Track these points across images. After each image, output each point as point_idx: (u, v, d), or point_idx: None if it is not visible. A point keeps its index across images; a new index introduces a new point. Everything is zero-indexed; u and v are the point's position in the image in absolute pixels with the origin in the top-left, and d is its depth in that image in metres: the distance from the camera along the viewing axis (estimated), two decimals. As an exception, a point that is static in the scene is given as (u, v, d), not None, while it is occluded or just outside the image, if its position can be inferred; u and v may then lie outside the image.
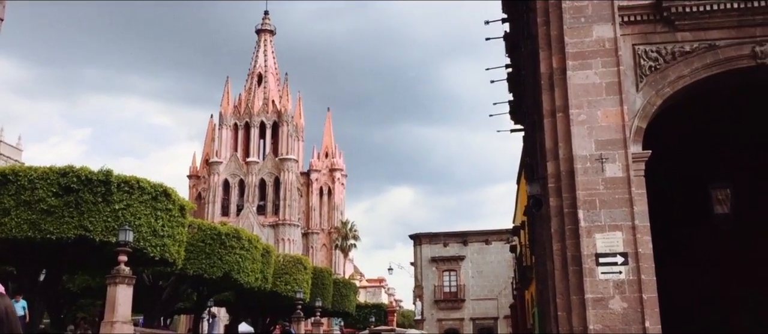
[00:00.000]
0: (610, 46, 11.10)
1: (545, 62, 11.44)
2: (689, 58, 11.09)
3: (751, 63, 10.96)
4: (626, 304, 10.16)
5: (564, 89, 11.09)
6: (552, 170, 11.07)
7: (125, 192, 18.66)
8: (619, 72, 10.96)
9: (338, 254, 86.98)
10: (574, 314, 10.41)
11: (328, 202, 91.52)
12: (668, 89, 11.08)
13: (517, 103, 23.39)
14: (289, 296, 33.18)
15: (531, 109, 16.43)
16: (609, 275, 10.26)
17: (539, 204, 12.56)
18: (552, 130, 11.17)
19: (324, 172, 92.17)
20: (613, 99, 10.92)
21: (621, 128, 10.79)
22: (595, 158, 10.71)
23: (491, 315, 55.42)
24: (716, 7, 10.95)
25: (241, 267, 26.67)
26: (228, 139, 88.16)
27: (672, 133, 12.23)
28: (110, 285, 16.85)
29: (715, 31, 11.08)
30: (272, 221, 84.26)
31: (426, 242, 57.25)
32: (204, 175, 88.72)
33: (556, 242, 10.83)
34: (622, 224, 10.45)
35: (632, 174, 10.62)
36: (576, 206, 10.59)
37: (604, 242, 10.37)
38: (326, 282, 40.58)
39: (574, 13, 11.32)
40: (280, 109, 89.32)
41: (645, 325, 10.03)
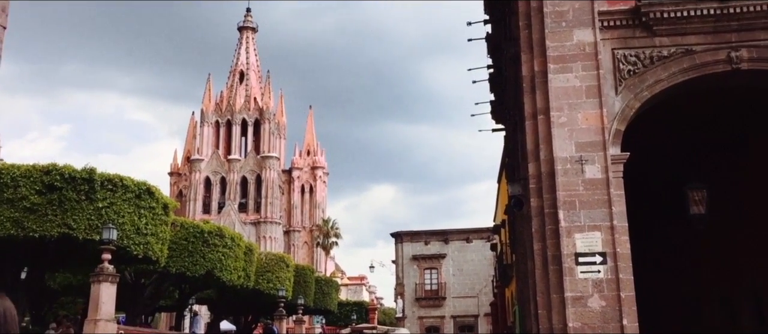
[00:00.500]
0: (590, 50, 11.34)
1: (527, 65, 11.66)
2: (667, 62, 11.36)
3: (727, 68, 11.25)
4: (605, 302, 10.41)
5: (545, 92, 11.32)
6: (533, 171, 11.30)
7: (109, 190, 18.67)
8: (599, 76, 11.21)
9: (320, 251, 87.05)
10: (554, 313, 10.65)
11: (310, 200, 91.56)
12: (646, 93, 11.34)
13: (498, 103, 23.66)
14: (271, 294, 33.25)
15: (512, 110, 16.69)
16: (588, 274, 10.51)
17: (520, 204, 12.81)
18: (533, 132, 11.40)
19: (306, 170, 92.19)
20: (593, 102, 11.16)
21: (600, 131, 11.03)
22: (575, 160, 10.95)
23: (472, 313, 55.82)
24: (693, 13, 11.23)
25: (224, 265, 26.74)
26: (209, 136, 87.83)
27: (650, 135, 12.51)
28: (94, 283, 16.86)
29: (692, 37, 11.35)
30: (254, 219, 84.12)
31: (407, 240, 57.54)
32: (185, 172, 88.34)
33: (537, 242, 11.07)
34: (601, 224, 10.70)
35: (611, 175, 10.88)
36: (556, 206, 10.83)
37: (583, 242, 10.62)
38: (308, 280, 40.70)
39: (556, 18, 11.55)
40: (262, 107, 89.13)
41: (623, 323, 10.29)
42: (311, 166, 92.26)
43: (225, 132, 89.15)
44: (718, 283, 17.62)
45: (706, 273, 18.15)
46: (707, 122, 14.18)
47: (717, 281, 17.66)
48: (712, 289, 18.08)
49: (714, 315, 18.38)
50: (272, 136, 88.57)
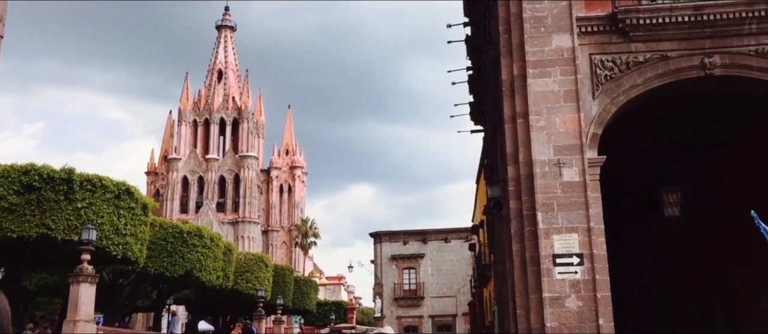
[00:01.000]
0: (568, 55, 11.57)
1: (507, 69, 11.87)
2: (642, 67, 11.63)
3: (700, 73, 11.55)
4: (581, 302, 10.64)
5: (524, 96, 11.54)
6: (512, 174, 11.50)
7: (88, 190, 18.59)
8: (577, 80, 11.45)
9: (298, 251, 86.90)
10: (532, 313, 10.87)
11: (289, 199, 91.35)
12: (622, 97, 11.60)
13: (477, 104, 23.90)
14: (250, 294, 33.22)
15: (491, 113, 16.90)
16: (565, 275, 10.73)
17: (500, 206, 13.01)
18: (513, 135, 11.60)
19: (284, 169, 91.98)
20: (571, 106, 11.40)
21: (578, 134, 11.27)
22: (554, 163, 11.17)
23: (450, 313, 56.11)
24: (668, 20, 11.51)
25: (203, 265, 26.68)
26: (187, 135, 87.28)
27: (626, 138, 12.77)
28: (73, 284, 16.79)
29: (667, 43, 11.63)
30: (232, 219, 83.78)
31: (386, 240, 57.68)
32: (162, 171, 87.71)
33: (516, 243, 11.27)
34: (578, 226, 10.94)
35: (588, 178, 11.12)
36: (535, 208, 11.04)
37: (561, 244, 10.85)
38: (287, 280, 40.70)
39: (535, 23, 11.77)
40: (240, 106, 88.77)
41: (599, 323, 10.53)
42: (290, 165, 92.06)
43: (203, 131, 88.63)
44: (692, 282, 18.01)
45: (680, 273, 18.54)
46: (682, 126, 14.50)
47: (690, 280, 18.04)
48: (686, 288, 18.47)
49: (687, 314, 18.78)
50: (251, 135, 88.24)
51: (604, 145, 11.54)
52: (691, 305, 18.55)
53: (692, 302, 18.42)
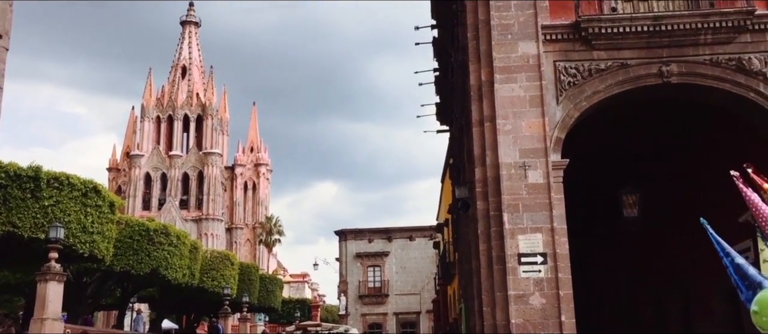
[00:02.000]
0: (533, 62, 12.03)
1: (475, 75, 12.27)
2: (604, 75, 12.14)
3: (658, 81, 12.11)
4: (545, 300, 11.10)
5: (492, 101, 11.95)
6: (480, 176, 11.91)
7: (55, 188, 18.47)
8: (542, 86, 11.91)
9: (262, 249, 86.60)
10: (498, 309, 11.29)
11: (253, 197, 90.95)
12: (585, 103, 12.09)
13: (443, 105, 24.34)
14: (215, 292, 33.15)
15: (459, 115, 17.32)
16: (530, 274, 11.18)
17: (467, 206, 13.42)
18: (480, 138, 12.01)
19: (249, 166, 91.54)
20: (536, 111, 11.85)
21: (542, 138, 11.73)
22: (519, 165, 11.61)
23: (414, 310, 56.65)
24: (628, 30, 12.03)
25: (169, 263, 26.60)
26: (150, 131, 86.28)
27: (588, 142, 13.25)
28: (40, 282, 16.70)
29: (627, 51, 12.16)
30: (195, 216, 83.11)
31: (351, 237, 57.97)
32: (124, 168, 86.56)
33: (483, 243, 11.68)
34: (542, 226, 11.39)
35: (552, 180, 11.58)
36: (501, 209, 11.47)
37: (525, 243, 11.29)
38: (253, 278, 40.68)
39: (502, 30, 12.19)
40: (204, 103, 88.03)
41: (561, 319, 11.00)
42: (254, 163, 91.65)
43: (166, 127, 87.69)
44: (649, 281, 18.69)
45: (638, 271, 19.21)
46: (641, 131, 15.10)
47: (648, 279, 18.72)
48: (643, 287, 19.15)
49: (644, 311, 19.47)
50: (215, 132, 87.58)
51: (567, 149, 12.01)
52: (647, 302, 19.24)
53: (649, 299, 19.10)
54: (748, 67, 11.93)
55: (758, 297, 2.96)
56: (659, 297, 18.37)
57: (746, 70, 11.93)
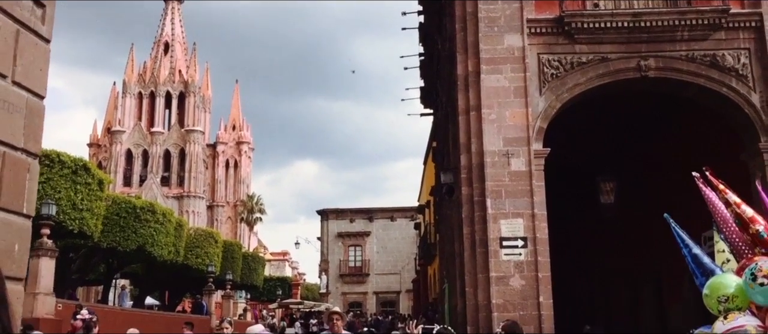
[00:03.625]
0: (518, 54, 12.53)
1: (462, 65, 12.75)
2: (585, 68, 12.68)
3: (636, 74, 12.68)
4: (524, 281, 11.70)
5: (477, 91, 12.45)
6: (465, 162, 12.43)
7: (46, 165, 18.73)
8: (526, 78, 12.43)
9: (243, 227, 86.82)
10: (479, 290, 11.88)
11: (235, 175, 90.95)
12: (566, 95, 12.64)
13: (427, 89, 24.79)
14: (199, 270, 33.50)
15: (445, 102, 17.79)
16: (511, 257, 11.77)
17: (452, 191, 13.95)
18: (466, 126, 12.52)
19: (231, 144, 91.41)
20: (520, 101, 12.37)
21: (525, 128, 12.27)
22: (503, 153, 12.15)
23: (394, 289, 57.41)
24: (609, 25, 12.57)
25: (155, 241, 26.95)
26: (132, 107, 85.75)
27: (569, 132, 13.81)
28: (33, 258, 16.98)
29: (608, 46, 12.70)
30: (177, 193, 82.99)
31: (333, 217, 58.47)
32: (105, 144, 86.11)
33: (467, 227, 12.23)
34: (523, 211, 11.96)
35: (534, 168, 12.14)
36: (485, 195, 12.01)
37: (507, 228, 11.86)
38: (236, 256, 41.05)
39: (489, 23, 12.67)
40: (187, 80, 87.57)
41: (539, 300, 11.61)
42: (237, 141, 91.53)
43: (148, 104, 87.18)
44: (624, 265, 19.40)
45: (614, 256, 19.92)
46: (619, 122, 15.69)
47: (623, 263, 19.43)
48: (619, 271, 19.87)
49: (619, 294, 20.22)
50: (197, 109, 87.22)
51: (549, 138, 12.56)
52: (622, 286, 19.98)
53: (624, 283, 19.84)
54: (722, 63, 12.53)
55: (709, 282, 3.49)
56: (634, 281, 19.11)
57: (720, 66, 12.53)
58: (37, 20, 4.01)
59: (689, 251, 3.76)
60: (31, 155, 3.96)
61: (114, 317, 21.46)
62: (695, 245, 3.83)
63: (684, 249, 3.81)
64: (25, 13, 3.89)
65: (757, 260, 3.29)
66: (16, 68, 3.77)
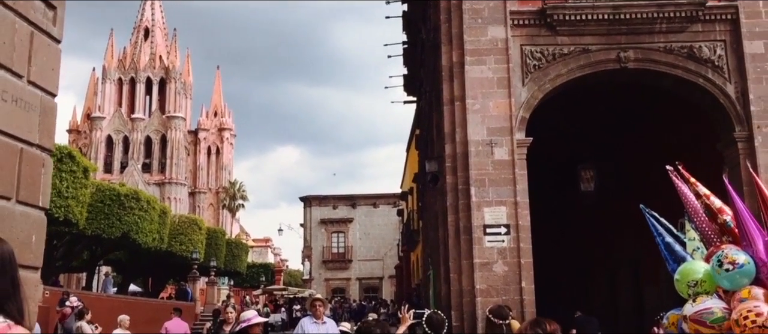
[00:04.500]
0: (502, 45, 12.81)
1: (446, 56, 13.00)
2: (566, 59, 12.98)
3: (616, 66, 13.01)
4: (507, 267, 12.04)
5: (462, 81, 12.72)
6: (449, 151, 12.72)
7: (31, 154, 18.79)
8: (509, 69, 12.71)
9: (225, 213, 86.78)
10: (463, 276, 12.20)
11: (217, 161, 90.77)
12: (548, 85, 12.94)
13: (411, 76, 25.03)
14: (183, 257, 33.67)
15: (428, 91, 18.05)
16: (494, 243, 12.09)
17: (436, 179, 14.24)
18: (451, 116, 12.79)
19: (212, 131, 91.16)
20: (503, 92, 12.66)
21: (508, 118, 12.56)
22: (486, 143, 12.45)
23: (377, 275, 57.87)
24: (590, 17, 12.88)
25: (140, 228, 27.06)
26: (112, 94, 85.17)
27: (551, 121, 14.15)
28: (19, 246, 17.14)
29: (589, 38, 13.01)
30: (158, 180, 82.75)
31: (316, 204, 58.69)
32: (85, 130, 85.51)
33: (451, 214, 12.53)
34: (506, 199, 12.28)
35: (516, 157, 12.45)
36: (469, 183, 12.32)
37: (491, 215, 12.18)
38: (219, 243, 41.22)
39: (473, 15, 12.92)
40: (167, 66, 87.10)
41: (522, 285, 11.96)
42: (218, 127, 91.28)
43: (128, 90, 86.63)
44: (603, 251, 19.87)
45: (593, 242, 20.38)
46: (599, 112, 16.06)
47: (602, 249, 19.90)
48: (598, 256, 20.34)
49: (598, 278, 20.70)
50: (178, 95, 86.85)
51: (531, 128, 12.87)
52: (601, 270, 20.47)
53: (603, 268, 20.33)
54: (699, 54, 12.89)
55: (680, 268, 3.80)
56: (612, 266, 19.58)
57: (697, 57, 12.89)
58: (49, 22, 4.20)
59: (662, 239, 4.07)
60: (45, 151, 4.17)
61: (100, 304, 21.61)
62: (668, 234, 4.14)
63: (658, 238, 4.11)
64: (38, 16, 4.08)
65: (724, 247, 3.59)
66: (31, 68, 3.97)
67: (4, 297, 2.31)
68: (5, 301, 2.31)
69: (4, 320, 2.28)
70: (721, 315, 3.40)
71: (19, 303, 2.38)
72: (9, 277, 2.36)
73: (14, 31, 3.83)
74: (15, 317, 2.31)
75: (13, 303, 2.34)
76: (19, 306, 2.38)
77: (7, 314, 2.30)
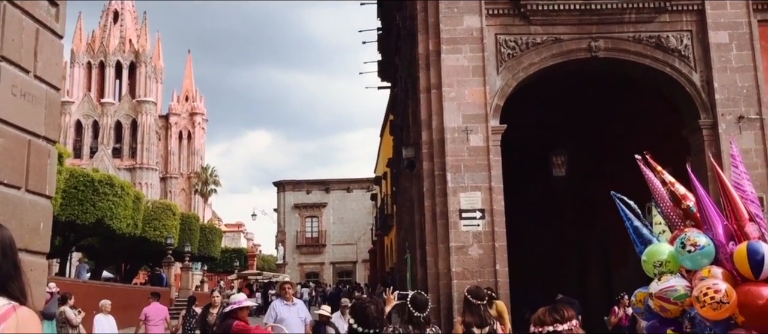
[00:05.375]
0: (477, 34, 13.10)
1: (423, 45, 13.26)
2: (539, 48, 13.33)
3: (587, 55, 13.39)
4: (482, 251, 12.41)
5: (438, 70, 13.00)
6: (426, 138, 13.01)
7: (5, 140, 18.70)
8: (484, 57, 13.02)
9: (198, 199, 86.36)
10: (440, 259, 12.55)
11: (188, 146, 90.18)
12: (522, 74, 13.28)
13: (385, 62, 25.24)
14: (157, 242, 33.65)
15: (404, 78, 18.30)
16: (469, 228, 12.45)
17: (412, 165, 14.53)
18: (427, 104, 13.07)
19: (184, 115, 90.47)
20: (478, 80, 12.97)
21: (483, 105, 12.89)
22: (462, 130, 12.76)
23: (350, 259, 58.20)
24: (562, 7, 13.22)
25: (114, 214, 27.02)
26: (81, 78, 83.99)
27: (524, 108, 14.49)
28: (-5, 232, 17.10)
29: (561, 27, 13.37)
30: (129, 165, 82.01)
31: (289, 189, 58.74)
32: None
33: (428, 199, 12.85)
34: (481, 185, 12.63)
35: (491, 144, 12.79)
36: (445, 169, 12.64)
37: (466, 200, 12.52)
38: (193, 228, 41.18)
39: (449, 4, 13.18)
40: (137, 49, 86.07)
41: (496, 268, 12.34)
42: (190, 112, 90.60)
43: (98, 74, 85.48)
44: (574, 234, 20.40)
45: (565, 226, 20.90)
46: (572, 99, 16.46)
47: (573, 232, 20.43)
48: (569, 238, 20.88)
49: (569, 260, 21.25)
50: (149, 80, 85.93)
51: (505, 115, 13.21)
52: (572, 252, 21.01)
53: (573, 250, 20.87)
54: (666, 44, 13.33)
55: (647, 250, 4.14)
56: (582, 248, 20.12)
57: (664, 47, 13.33)
58: (52, 19, 4.39)
59: (631, 224, 4.41)
60: (50, 142, 4.36)
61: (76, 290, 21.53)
62: (636, 218, 4.48)
63: (626, 222, 4.45)
64: (42, 13, 4.27)
65: (687, 231, 3.93)
66: (37, 64, 4.16)
67: (7, 279, 2.37)
68: (8, 282, 2.37)
69: (8, 302, 2.33)
70: (684, 292, 3.74)
71: (21, 284, 2.44)
72: (11, 260, 2.42)
73: (21, 28, 4.02)
74: (18, 298, 2.37)
75: (15, 284, 2.40)
76: (21, 287, 2.43)
77: (10, 295, 2.36)
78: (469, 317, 6.23)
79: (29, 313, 2.34)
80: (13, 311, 2.30)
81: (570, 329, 2.85)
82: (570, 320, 2.87)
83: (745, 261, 3.52)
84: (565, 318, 2.86)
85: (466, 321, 6.23)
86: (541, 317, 2.91)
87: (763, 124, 12.93)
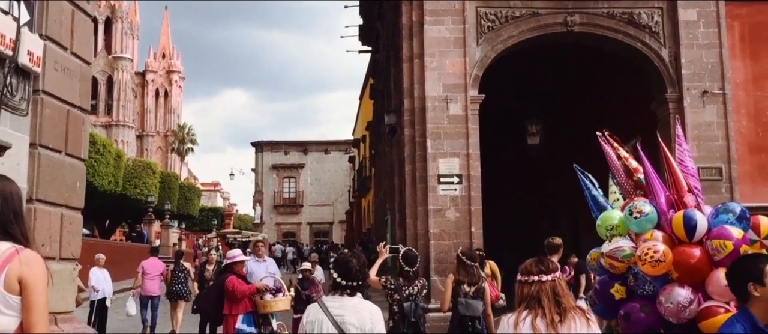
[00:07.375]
0: (458, 7, 13.65)
1: (407, 15, 13.79)
2: (518, 21, 13.92)
3: (563, 29, 14.01)
4: (459, 214, 13.14)
5: (421, 40, 13.56)
6: (408, 106, 13.62)
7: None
8: (465, 29, 13.59)
9: (174, 157, 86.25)
10: (418, 221, 13.27)
11: (165, 104, 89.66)
12: (501, 46, 13.88)
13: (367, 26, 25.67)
14: (137, 200, 34.02)
15: (387, 45, 18.81)
16: (447, 192, 13.16)
17: (394, 131, 15.17)
18: (409, 73, 13.66)
19: (161, 73, 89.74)
20: (459, 51, 13.56)
21: (463, 75, 13.50)
22: (442, 99, 13.39)
23: (327, 220, 58.97)
24: (540, -18, 13.78)
25: (96, 171, 27.37)
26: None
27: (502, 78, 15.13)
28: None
29: (539, 2, 13.95)
30: (105, 122, 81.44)
31: (268, 149, 59.10)
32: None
33: (408, 164, 13.52)
34: (459, 151, 13.31)
35: (470, 113, 13.44)
36: (425, 136, 13.29)
37: (445, 166, 13.21)
38: (173, 186, 41.56)
39: (432, -24, 13.67)
40: (113, 5, 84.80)
41: (471, 230, 13.10)
42: (167, 70, 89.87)
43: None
44: (546, 199, 21.25)
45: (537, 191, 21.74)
46: (548, 71, 17.12)
47: (545, 197, 21.28)
48: (541, 203, 21.74)
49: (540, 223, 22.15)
50: (125, 36, 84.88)
51: (484, 85, 13.85)
52: (543, 216, 21.90)
53: (545, 214, 21.75)
54: (638, 20, 13.99)
55: (600, 215, 4.83)
56: (553, 212, 21.00)
57: (636, 23, 13.99)
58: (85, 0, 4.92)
59: (589, 192, 5.09)
60: (83, 111, 4.93)
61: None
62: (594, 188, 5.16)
63: (586, 191, 5.14)
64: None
65: (635, 200, 4.62)
66: (73, 41, 4.71)
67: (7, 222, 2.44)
68: (8, 225, 2.44)
69: (11, 245, 2.40)
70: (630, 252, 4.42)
71: (24, 229, 2.50)
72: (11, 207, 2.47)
73: (61, 10, 4.56)
74: (20, 241, 2.44)
75: (16, 227, 2.46)
76: (24, 232, 2.49)
77: (13, 237, 2.43)
78: (462, 276, 6.77)
79: (33, 254, 2.43)
80: (17, 254, 2.40)
81: (554, 279, 3.06)
82: (554, 271, 3.10)
83: (681, 226, 4.20)
84: (550, 270, 3.08)
85: (458, 279, 6.78)
86: (528, 267, 3.12)
87: (725, 98, 13.72)
